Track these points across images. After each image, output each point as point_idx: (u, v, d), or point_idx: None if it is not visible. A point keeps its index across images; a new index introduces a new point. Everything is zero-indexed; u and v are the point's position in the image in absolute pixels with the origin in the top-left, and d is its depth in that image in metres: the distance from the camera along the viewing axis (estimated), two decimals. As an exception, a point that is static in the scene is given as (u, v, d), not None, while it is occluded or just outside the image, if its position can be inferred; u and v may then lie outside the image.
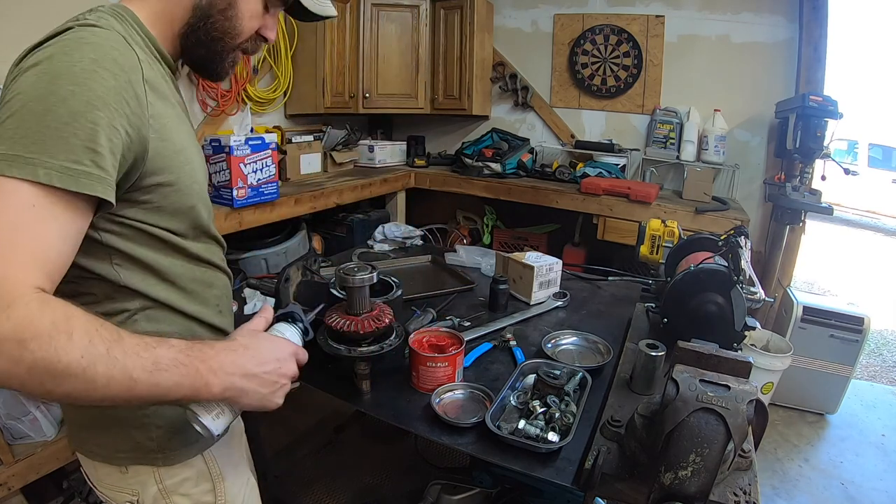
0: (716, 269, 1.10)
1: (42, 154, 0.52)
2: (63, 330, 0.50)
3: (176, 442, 0.78)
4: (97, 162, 0.55)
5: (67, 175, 0.53)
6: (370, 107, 3.01)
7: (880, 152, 8.03)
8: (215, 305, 0.84)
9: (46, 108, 0.53)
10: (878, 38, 11.77)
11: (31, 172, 0.51)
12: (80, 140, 0.54)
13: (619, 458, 0.83)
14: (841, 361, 2.47)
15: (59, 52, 0.56)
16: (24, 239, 0.52)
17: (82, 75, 0.55)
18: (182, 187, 0.70)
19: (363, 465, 1.90)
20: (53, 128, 0.53)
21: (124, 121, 0.58)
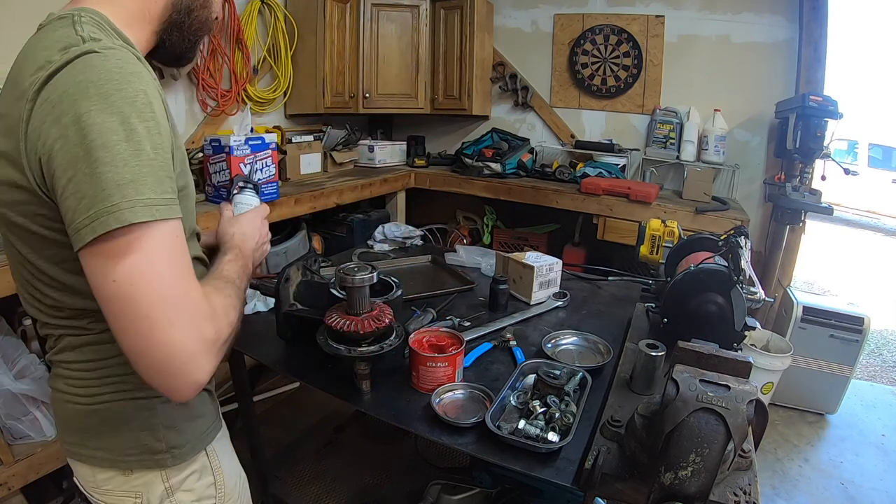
0: (716, 269, 1.10)
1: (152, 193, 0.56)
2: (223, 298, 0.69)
3: (183, 439, 0.79)
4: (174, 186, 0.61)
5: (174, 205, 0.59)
6: (370, 107, 3.01)
7: (880, 152, 8.03)
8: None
9: (135, 150, 0.55)
10: (878, 38, 11.77)
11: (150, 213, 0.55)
12: (165, 172, 0.58)
13: (619, 458, 0.83)
14: (841, 361, 2.47)
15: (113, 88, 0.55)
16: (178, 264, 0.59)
17: (147, 108, 0.57)
18: (190, 190, 0.76)
19: (363, 465, 1.90)
20: (147, 166, 0.55)
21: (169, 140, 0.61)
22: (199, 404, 0.84)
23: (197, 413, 0.83)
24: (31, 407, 1.52)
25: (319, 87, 2.72)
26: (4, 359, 1.51)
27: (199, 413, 0.84)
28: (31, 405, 1.52)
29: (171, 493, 0.80)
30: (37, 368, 1.56)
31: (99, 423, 0.76)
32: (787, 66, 2.57)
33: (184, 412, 0.80)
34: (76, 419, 0.77)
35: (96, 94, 0.54)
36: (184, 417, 0.80)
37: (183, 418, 0.80)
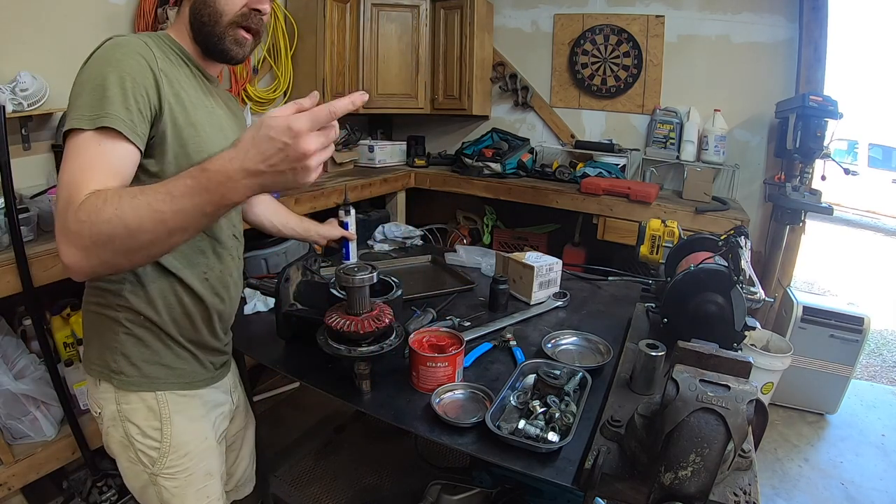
0: (716, 269, 1.10)
1: (96, 110, 0.74)
2: (101, 198, 0.66)
3: (133, 371, 0.93)
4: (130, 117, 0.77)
5: (109, 118, 0.74)
6: (370, 107, 3.01)
7: (880, 152, 8.03)
8: (201, 272, 0.97)
9: (96, 84, 0.76)
10: (878, 38, 11.76)
11: (90, 122, 0.74)
12: (117, 99, 0.76)
13: (619, 458, 0.83)
14: (841, 361, 2.47)
15: (101, 53, 0.80)
16: (88, 164, 0.73)
17: (114, 61, 0.79)
18: (189, 152, 0.86)
19: (363, 465, 1.90)
20: (101, 93, 0.76)
21: (146, 87, 0.80)
22: (166, 354, 0.96)
23: (158, 359, 0.95)
24: (31, 407, 1.52)
25: (319, 88, 2.72)
26: (4, 359, 1.51)
27: (163, 361, 0.96)
28: (31, 405, 1.52)
29: (121, 417, 0.95)
30: (37, 368, 1.56)
31: (87, 330, 0.97)
32: (787, 66, 2.57)
33: (143, 352, 0.94)
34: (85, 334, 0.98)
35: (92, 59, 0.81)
36: (141, 356, 0.94)
37: (140, 356, 0.94)
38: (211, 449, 1.04)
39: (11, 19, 1.69)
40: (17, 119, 1.64)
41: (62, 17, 1.83)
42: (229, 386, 1.15)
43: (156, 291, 0.92)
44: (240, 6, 0.90)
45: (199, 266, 0.96)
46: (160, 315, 0.93)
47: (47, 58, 1.76)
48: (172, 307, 0.94)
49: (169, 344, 0.96)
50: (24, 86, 1.59)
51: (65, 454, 1.59)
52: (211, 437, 1.05)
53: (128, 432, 0.95)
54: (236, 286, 1.07)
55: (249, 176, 0.63)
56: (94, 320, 0.94)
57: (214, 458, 1.06)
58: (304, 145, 0.63)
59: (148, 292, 0.91)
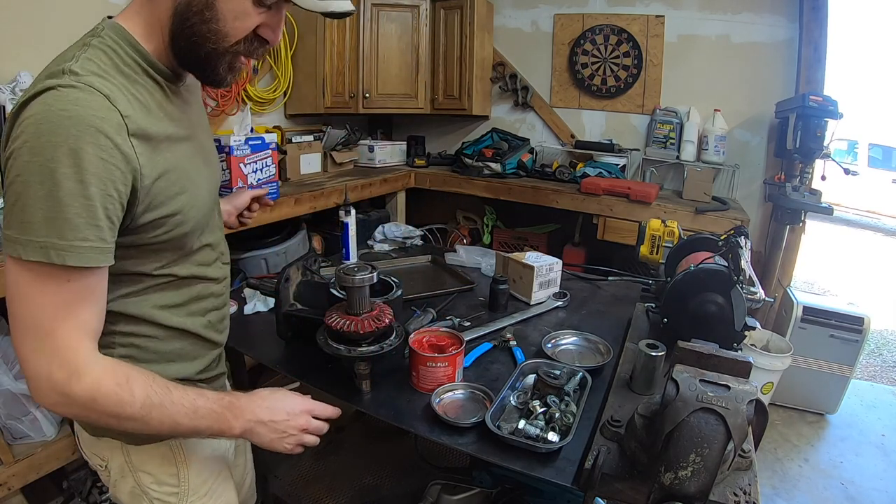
0: (716, 269, 1.10)
1: (53, 237, 0.59)
2: (126, 390, 0.65)
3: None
4: (100, 235, 0.62)
5: (77, 253, 0.60)
6: (370, 107, 3.01)
7: (880, 152, 8.03)
8: (204, 318, 0.89)
9: (47, 193, 0.58)
10: (878, 38, 11.77)
11: (44, 254, 0.59)
12: (82, 218, 0.60)
13: (619, 458, 0.83)
14: (841, 361, 2.46)
15: (45, 129, 0.58)
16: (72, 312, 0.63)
17: (71, 156, 0.58)
18: (183, 218, 0.75)
19: (363, 465, 1.89)
20: (56, 209, 0.58)
21: (117, 184, 0.63)
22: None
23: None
24: (31, 407, 1.52)
25: (319, 87, 2.72)
26: (4, 359, 1.51)
27: None
28: (31, 405, 1.52)
29: (132, 469, 0.87)
30: (37, 368, 1.56)
31: None
32: (787, 66, 2.57)
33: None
34: None
35: (33, 133, 0.58)
36: None
37: None
38: (227, 479, 1.01)
39: (11, 19, 1.70)
40: (17, 119, 1.64)
41: (62, 17, 1.83)
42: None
43: (160, 347, 0.83)
44: (249, 31, 0.70)
45: (199, 313, 0.87)
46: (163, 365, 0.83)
47: (47, 58, 1.76)
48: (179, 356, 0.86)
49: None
50: (24, 86, 1.59)
51: (65, 454, 1.59)
52: (225, 468, 1.01)
53: (140, 482, 0.87)
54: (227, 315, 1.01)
55: (255, 422, 0.77)
56: None
57: (231, 489, 1.02)
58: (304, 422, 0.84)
59: (151, 350, 0.82)
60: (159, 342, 0.82)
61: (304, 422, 0.83)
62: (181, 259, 0.80)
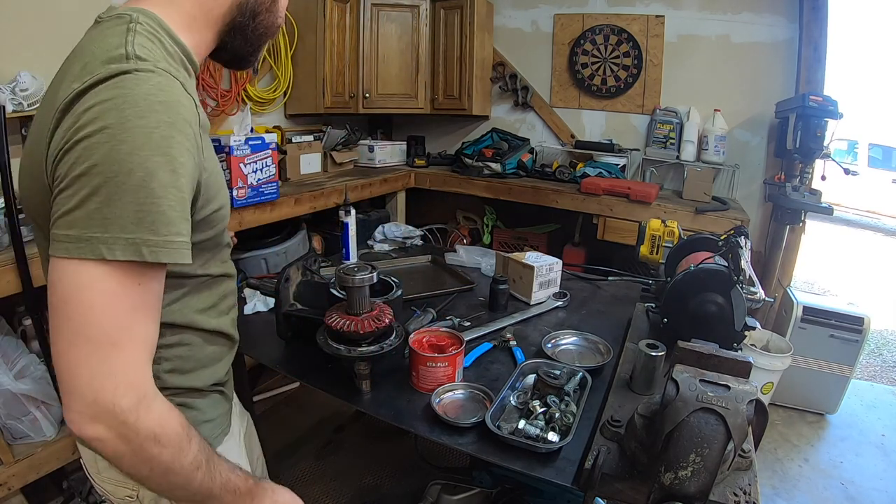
0: (716, 269, 1.10)
1: (145, 233, 0.53)
2: (185, 436, 0.59)
3: None
4: (189, 230, 0.58)
5: (171, 249, 0.55)
6: (370, 107, 3.01)
7: (880, 152, 8.03)
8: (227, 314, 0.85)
9: (139, 184, 0.52)
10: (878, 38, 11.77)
11: (135, 252, 0.52)
12: (177, 211, 0.55)
13: (619, 458, 0.83)
14: (841, 361, 2.46)
15: (132, 114, 0.52)
16: (140, 322, 0.56)
17: (164, 144, 0.53)
18: (223, 212, 0.72)
19: (363, 465, 1.90)
20: (149, 201, 0.52)
21: (194, 177, 0.59)
22: (208, 408, 0.82)
23: (203, 418, 0.81)
24: (31, 407, 1.52)
25: (319, 87, 2.72)
26: (4, 359, 1.51)
27: (207, 417, 0.82)
28: (31, 405, 1.52)
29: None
30: (37, 368, 1.56)
31: None
32: (787, 66, 2.57)
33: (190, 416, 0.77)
34: None
35: (116, 119, 0.52)
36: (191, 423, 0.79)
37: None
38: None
39: (11, 19, 1.69)
40: (17, 119, 1.64)
41: (62, 17, 1.83)
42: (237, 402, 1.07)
43: (195, 358, 0.79)
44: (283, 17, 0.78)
45: (226, 311, 0.84)
46: (199, 377, 0.81)
47: (47, 58, 1.75)
48: (208, 364, 0.82)
49: (207, 396, 0.84)
50: (24, 86, 1.59)
51: (65, 454, 1.59)
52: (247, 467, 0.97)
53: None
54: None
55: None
56: None
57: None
58: None
59: (188, 364, 0.77)
60: (198, 348, 0.78)
61: None
62: (213, 257, 0.77)
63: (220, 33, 0.71)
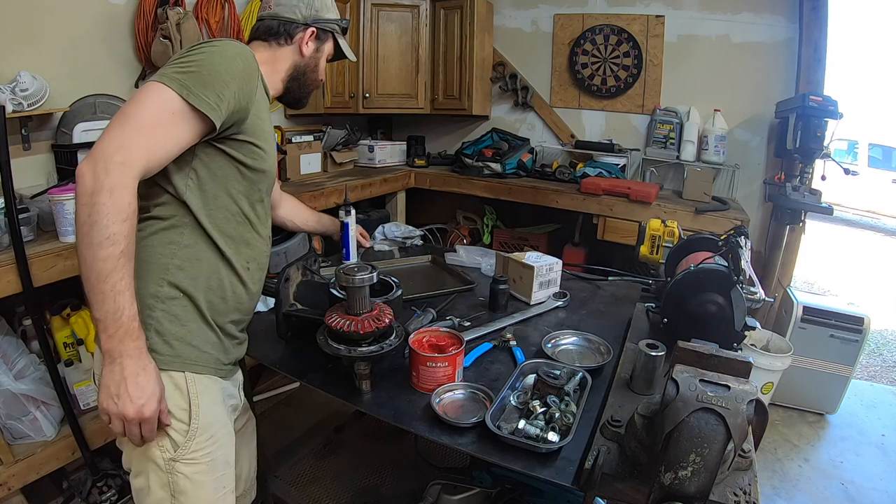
0: (716, 269, 1.10)
1: (196, 87, 0.84)
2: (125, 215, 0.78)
3: (165, 349, 0.92)
4: (220, 105, 0.87)
5: (205, 102, 0.85)
6: (370, 107, 3.01)
7: (880, 152, 8.03)
8: (245, 262, 1.03)
9: (210, 69, 0.87)
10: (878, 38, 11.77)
11: (186, 93, 0.84)
12: (217, 89, 0.87)
13: (619, 458, 0.83)
14: (841, 361, 2.46)
15: (222, 45, 0.92)
16: (154, 134, 0.82)
17: (232, 59, 0.91)
18: (265, 154, 1.01)
19: (363, 465, 1.89)
20: (208, 78, 0.86)
21: (243, 91, 0.92)
22: (195, 334, 0.96)
23: (190, 339, 0.95)
24: (31, 407, 1.52)
25: (319, 88, 2.72)
26: (4, 359, 1.51)
27: (194, 342, 0.96)
28: (31, 405, 1.52)
29: None
30: (37, 368, 1.56)
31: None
32: (787, 66, 2.57)
33: (177, 329, 0.94)
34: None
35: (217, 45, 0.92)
36: (174, 334, 0.93)
37: (173, 335, 0.93)
38: (230, 436, 1.03)
39: (11, 19, 1.70)
40: (17, 119, 1.64)
41: (62, 17, 1.83)
42: (240, 384, 1.16)
43: (204, 270, 0.96)
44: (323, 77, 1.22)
45: (244, 255, 1.02)
46: (201, 294, 0.96)
47: (47, 58, 1.76)
48: (213, 289, 0.97)
49: (202, 325, 0.97)
50: (24, 86, 1.59)
51: (65, 454, 1.59)
52: (230, 426, 1.04)
53: None
54: (261, 283, 1.12)
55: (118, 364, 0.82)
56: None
57: (232, 448, 1.04)
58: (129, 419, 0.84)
59: (196, 270, 0.95)
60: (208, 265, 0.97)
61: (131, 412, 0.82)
62: (249, 195, 1.02)
63: (284, 81, 1.13)
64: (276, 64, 1.10)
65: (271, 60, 1.09)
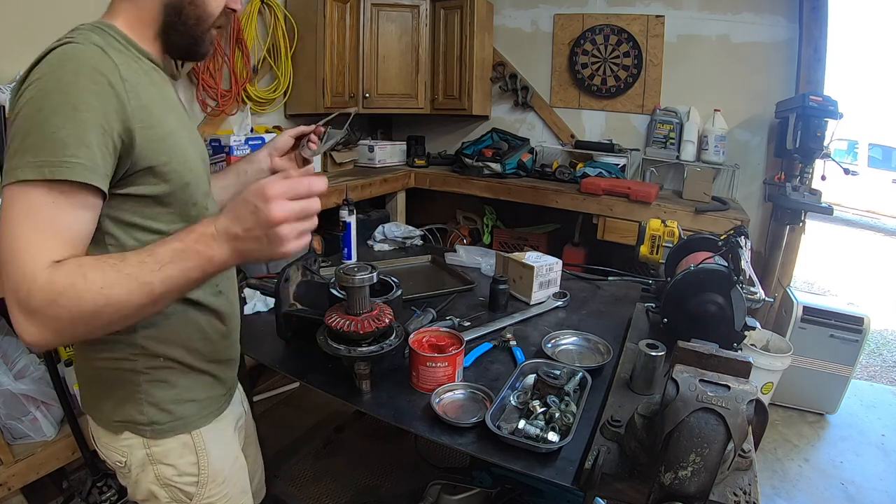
0: (716, 269, 1.10)
1: (47, 156, 0.62)
2: (78, 275, 0.60)
3: (165, 418, 0.86)
4: (88, 155, 0.64)
5: (66, 167, 0.63)
6: (370, 107, 3.01)
7: (880, 152, 8.03)
8: (214, 286, 0.89)
9: (44, 120, 0.63)
10: (878, 38, 11.77)
11: (39, 172, 0.62)
12: (73, 139, 0.63)
13: (619, 458, 0.83)
14: (841, 361, 2.46)
15: (47, 71, 0.65)
16: (41, 226, 0.63)
17: (67, 87, 0.64)
18: (175, 168, 0.77)
19: (363, 465, 1.90)
20: (50, 132, 0.63)
21: (110, 117, 0.67)
22: (189, 389, 0.88)
23: (186, 397, 0.88)
24: (31, 407, 1.52)
25: (319, 87, 2.72)
26: (4, 359, 1.51)
27: (189, 398, 0.88)
28: (31, 405, 1.52)
29: (152, 461, 0.87)
30: (37, 368, 1.56)
31: (95, 386, 0.87)
32: (787, 66, 2.57)
33: (169, 394, 0.86)
34: (85, 380, 0.89)
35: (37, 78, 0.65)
36: (169, 399, 0.86)
37: (168, 399, 0.86)
38: (242, 466, 1.01)
39: (11, 19, 1.69)
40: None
41: (62, 17, 1.82)
42: (240, 396, 1.11)
43: (174, 327, 0.84)
44: (222, 6, 0.83)
45: (211, 281, 0.84)
46: (180, 349, 0.86)
47: (47, 58, 1.76)
48: (192, 337, 0.87)
49: (194, 376, 0.89)
50: (24, 86, 1.59)
51: (65, 454, 1.59)
52: (241, 455, 1.02)
53: (161, 474, 0.88)
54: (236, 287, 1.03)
55: (230, 239, 0.64)
56: (107, 376, 0.84)
57: (245, 474, 1.03)
58: (274, 211, 0.63)
59: (166, 331, 0.83)
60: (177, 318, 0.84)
61: (279, 211, 0.63)
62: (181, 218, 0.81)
63: (158, 33, 0.81)
64: (142, 13, 0.78)
65: (136, 13, 0.78)
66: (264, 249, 0.66)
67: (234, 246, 0.65)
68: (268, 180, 0.65)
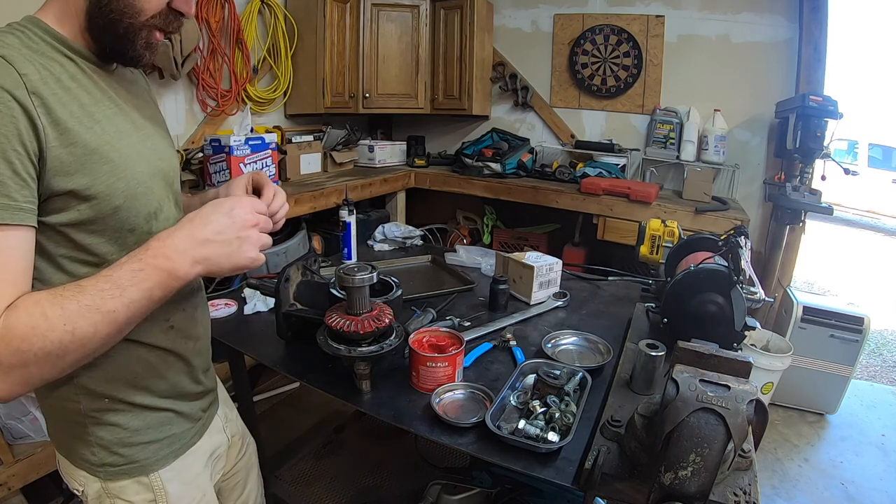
0: (716, 269, 1.10)
1: None
2: (38, 316, 0.56)
3: (117, 460, 0.80)
4: (5, 192, 0.57)
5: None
6: (370, 107, 3.01)
7: (880, 152, 8.03)
8: (164, 322, 0.80)
9: None
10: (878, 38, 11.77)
11: None
12: None
13: (619, 458, 0.83)
14: (841, 361, 2.47)
15: None
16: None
17: None
18: (101, 190, 0.67)
19: (363, 465, 1.89)
20: None
21: (16, 140, 0.58)
22: (142, 431, 0.81)
23: (138, 440, 0.80)
24: (31, 407, 1.52)
25: (319, 87, 2.72)
26: (4, 359, 1.51)
27: (143, 440, 0.81)
28: (31, 405, 1.52)
29: (108, 495, 0.83)
30: (37, 368, 1.56)
31: (49, 417, 0.84)
32: (787, 66, 2.57)
33: (119, 437, 0.79)
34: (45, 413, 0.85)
35: None
36: (119, 443, 0.79)
37: (118, 443, 0.79)
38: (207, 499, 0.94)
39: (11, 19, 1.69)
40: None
41: None
42: (221, 423, 1.01)
43: (117, 364, 0.76)
44: (163, 4, 0.70)
45: (159, 317, 0.78)
46: (128, 389, 0.78)
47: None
48: (140, 375, 0.79)
49: (147, 416, 0.81)
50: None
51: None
52: (210, 491, 0.95)
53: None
54: (205, 315, 0.93)
55: (195, 245, 0.64)
56: (55, 412, 0.80)
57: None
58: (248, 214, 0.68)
59: (108, 369, 0.75)
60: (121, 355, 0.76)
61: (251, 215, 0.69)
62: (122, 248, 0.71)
63: (85, 27, 0.70)
64: (69, 4, 0.69)
65: (63, 4, 0.69)
66: (232, 254, 0.67)
67: (199, 253, 0.64)
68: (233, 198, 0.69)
